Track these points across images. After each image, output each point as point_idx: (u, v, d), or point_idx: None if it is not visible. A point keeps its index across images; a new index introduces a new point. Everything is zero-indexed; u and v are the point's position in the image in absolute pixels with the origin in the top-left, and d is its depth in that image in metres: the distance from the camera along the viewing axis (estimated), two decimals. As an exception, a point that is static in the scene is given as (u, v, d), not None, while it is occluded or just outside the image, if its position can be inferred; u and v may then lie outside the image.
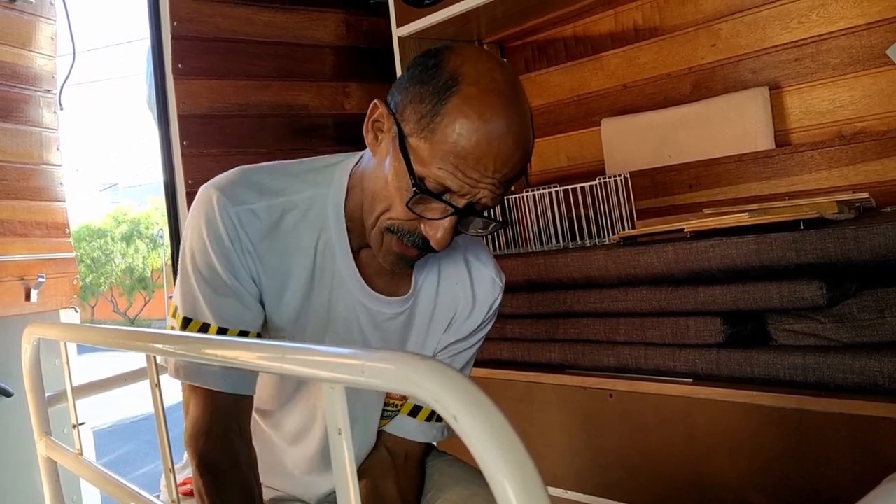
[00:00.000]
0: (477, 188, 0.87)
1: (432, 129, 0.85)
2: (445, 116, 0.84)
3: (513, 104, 0.86)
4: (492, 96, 0.85)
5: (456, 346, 1.13)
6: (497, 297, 1.13)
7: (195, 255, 0.96)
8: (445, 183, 0.86)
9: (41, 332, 1.26)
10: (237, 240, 0.94)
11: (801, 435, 1.41)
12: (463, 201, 0.88)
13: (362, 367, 0.55)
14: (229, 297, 0.95)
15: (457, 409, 0.48)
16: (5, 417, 2.16)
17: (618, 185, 1.98)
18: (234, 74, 2.39)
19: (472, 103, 0.84)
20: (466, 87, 0.84)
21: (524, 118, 0.88)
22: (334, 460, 0.60)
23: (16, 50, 2.24)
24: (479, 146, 0.84)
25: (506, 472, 0.45)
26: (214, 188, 0.96)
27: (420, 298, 1.07)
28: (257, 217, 0.95)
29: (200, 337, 0.88)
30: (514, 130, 0.86)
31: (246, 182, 0.97)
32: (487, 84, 0.85)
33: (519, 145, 0.87)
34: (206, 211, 0.95)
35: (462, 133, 0.84)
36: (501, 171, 0.86)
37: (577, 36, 2.41)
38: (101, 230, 16.90)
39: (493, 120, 0.84)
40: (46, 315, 2.28)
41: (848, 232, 1.34)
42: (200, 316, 0.95)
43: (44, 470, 1.33)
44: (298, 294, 0.99)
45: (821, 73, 1.87)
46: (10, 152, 2.22)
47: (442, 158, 0.85)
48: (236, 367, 0.91)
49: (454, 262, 1.10)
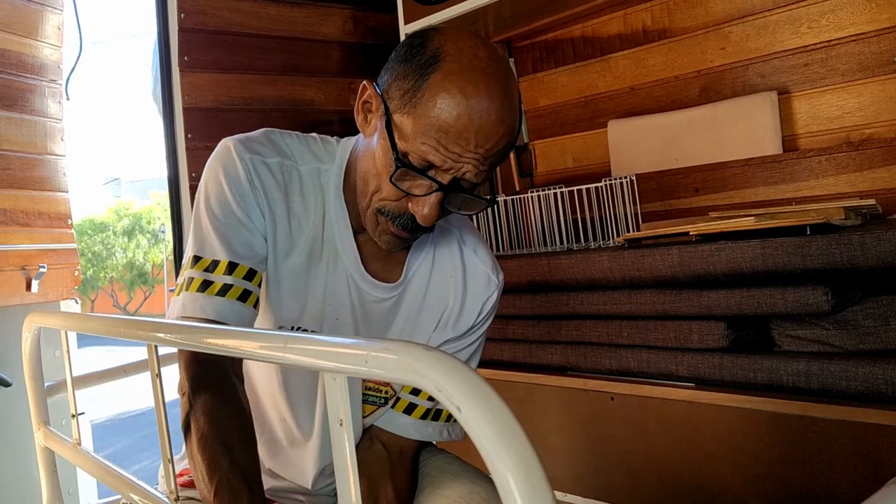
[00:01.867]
0: (460, 163, 0.87)
1: (414, 104, 0.86)
2: (427, 91, 0.85)
3: (495, 80, 0.87)
4: (474, 72, 0.85)
5: (452, 346, 1.12)
6: (492, 295, 1.12)
7: (209, 196, 0.98)
8: (428, 157, 0.87)
9: (42, 320, 1.25)
10: (252, 181, 0.97)
11: (803, 441, 1.40)
12: (448, 177, 0.89)
13: (366, 356, 0.55)
14: (240, 231, 0.96)
15: (460, 399, 0.47)
16: (3, 407, 2.16)
17: (623, 187, 1.97)
18: (240, 68, 2.38)
19: (452, 78, 0.85)
20: (448, 63, 0.86)
21: (508, 94, 0.88)
22: (335, 451, 0.60)
23: (22, 39, 2.24)
24: (459, 120, 0.85)
25: (508, 462, 0.45)
26: (233, 138, 1.00)
27: (410, 287, 1.08)
28: (269, 169, 0.99)
29: (202, 326, 0.87)
30: (497, 106, 0.86)
31: (264, 138, 1.01)
32: (469, 60, 0.86)
33: (502, 121, 0.87)
34: (224, 156, 0.98)
35: (443, 108, 0.85)
36: (484, 146, 0.87)
37: (586, 37, 2.40)
38: (103, 224, 16.92)
39: (474, 95, 0.85)
40: (47, 305, 2.28)
41: (854, 238, 1.33)
42: (209, 252, 0.96)
43: (41, 459, 1.33)
44: (301, 262, 1.01)
45: (829, 78, 1.87)
46: (14, 141, 2.22)
47: (424, 133, 0.86)
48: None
49: (450, 254, 1.10)
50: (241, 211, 0.96)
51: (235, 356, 0.92)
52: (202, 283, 0.94)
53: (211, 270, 0.95)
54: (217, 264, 0.95)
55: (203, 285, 0.94)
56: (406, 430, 1.12)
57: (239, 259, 0.95)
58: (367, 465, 1.09)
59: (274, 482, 1.15)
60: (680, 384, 1.61)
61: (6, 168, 2.19)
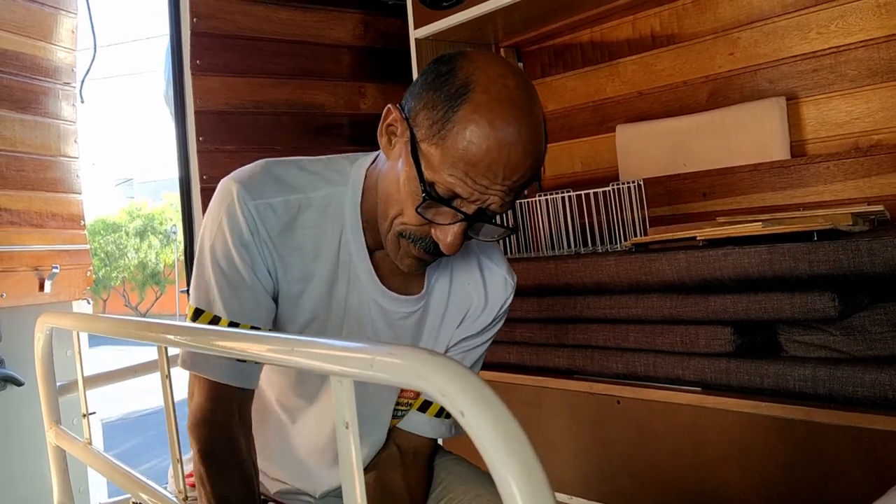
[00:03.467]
0: (486, 195, 0.87)
1: (443, 136, 0.85)
2: (456, 124, 0.84)
3: (524, 111, 0.86)
4: (503, 104, 0.84)
5: (467, 343, 1.13)
6: (509, 297, 1.13)
7: (214, 247, 0.97)
8: (455, 189, 0.86)
9: (54, 321, 1.27)
10: (256, 232, 0.96)
11: (809, 447, 1.40)
12: (473, 207, 0.88)
13: (371, 360, 0.55)
14: (244, 291, 0.96)
15: (464, 403, 0.48)
16: (16, 406, 2.18)
17: (631, 191, 1.98)
18: (251, 72, 2.40)
19: (482, 111, 0.84)
20: (478, 94, 0.84)
21: (536, 125, 0.87)
22: (341, 453, 0.61)
23: (36, 42, 2.26)
24: (489, 154, 0.84)
25: (511, 467, 0.45)
26: (235, 181, 0.97)
27: (433, 298, 1.08)
28: (274, 212, 0.96)
29: (212, 329, 0.89)
30: (525, 139, 0.85)
31: (265, 176, 0.98)
32: (498, 91, 0.85)
33: (529, 153, 0.86)
34: (226, 203, 0.96)
35: (472, 140, 0.83)
36: (511, 179, 0.86)
37: (594, 42, 2.41)
38: (116, 225, 17.00)
39: (503, 128, 0.84)
40: (59, 306, 2.30)
41: (862, 244, 1.33)
42: (212, 308, 0.97)
43: (52, 458, 1.34)
44: (319, 291, 1.00)
45: (838, 84, 1.86)
46: (28, 144, 2.24)
47: (452, 165, 0.85)
48: (242, 359, 0.92)
49: (466, 264, 1.11)
50: (245, 268, 0.96)
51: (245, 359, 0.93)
52: None
53: (214, 325, 0.96)
54: (218, 321, 0.96)
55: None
56: (421, 428, 1.12)
57: (240, 319, 0.96)
58: (380, 467, 1.10)
59: (281, 485, 1.16)
60: (686, 388, 1.61)
61: (20, 170, 2.21)
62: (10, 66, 2.19)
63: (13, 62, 2.20)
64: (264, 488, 1.18)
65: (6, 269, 2.14)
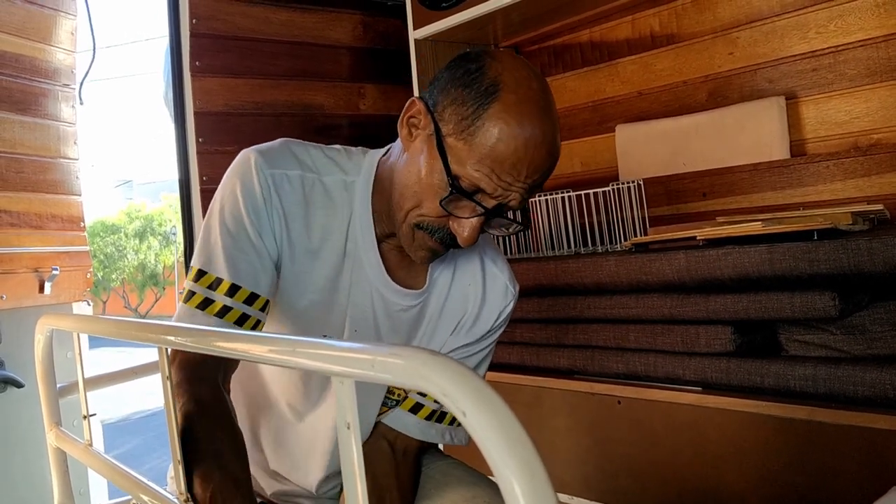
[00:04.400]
0: (509, 191, 0.90)
1: (472, 132, 0.88)
2: (487, 121, 0.87)
3: (547, 113, 0.90)
4: (529, 105, 0.88)
5: (464, 350, 1.13)
6: (508, 305, 1.14)
7: (224, 209, 0.98)
8: (480, 184, 0.89)
9: (54, 322, 1.27)
10: (269, 199, 0.97)
11: (810, 446, 1.40)
12: (493, 202, 0.91)
13: (373, 361, 0.55)
14: (250, 255, 0.97)
15: (466, 404, 0.48)
16: (15, 408, 2.18)
17: (631, 191, 1.98)
18: (250, 73, 2.40)
19: (511, 111, 0.87)
20: (507, 94, 0.88)
21: (556, 126, 0.92)
22: (342, 454, 0.61)
23: (36, 44, 2.26)
24: (516, 152, 0.87)
25: (513, 468, 0.45)
26: (253, 150, 0.99)
27: (433, 294, 1.09)
28: (290, 183, 0.98)
29: (212, 330, 0.88)
30: (548, 139, 0.89)
31: (284, 150, 1.01)
32: (525, 93, 0.89)
33: (551, 154, 0.91)
34: (242, 169, 0.98)
35: (501, 138, 0.87)
36: (533, 178, 0.90)
37: (594, 42, 2.41)
38: (115, 226, 16.99)
39: (529, 128, 0.87)
40: (59, 307, 2.30)
41: (862, 243, 1.33)
42: (215, 269, 0.97)
43: (53, 460, 1.34)
44: (324, 275, 1.01)
45: (837, 83, 1.87)
46: (27, 145, 2.24)
47: (479, 161, 0.88)
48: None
49: (470, 264, 1.12)
50: (253, 232, 0.97)
51: (245, 360, 0.94)
52: (203, 300, 0.96)
53: (213, 288, 0.96)
54: (220, 283, 0.96)
55: (203, 303, 0.96)
56: (410, 429, 1.13)
57: (241, 282, 0.96)
58: (372, 463, 1.10)
59: (278, 486, 1.16)
60: (687, 388, 1.61)
61: (20, 171, 2.21)
62: (9, 68, 2.19)
63: (13, 64, 2.20)
64: (259, 487, 1.19)
65: (6, 271, 2.14)
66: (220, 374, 0.99)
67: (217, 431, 0.93)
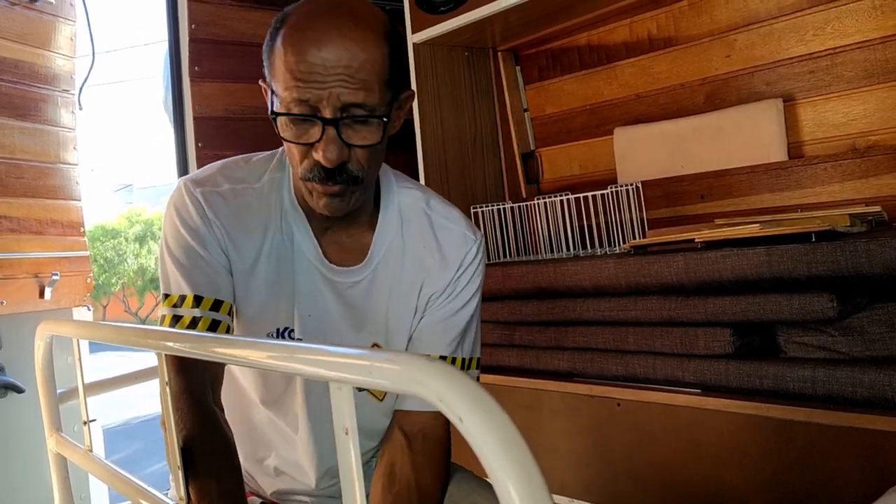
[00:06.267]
0: (326, 89, 0.89)
1: (272, 64, 0.93)
2: (277, 49, 0.92)
3: (334, 10, 0.91)
4: (310, 16, 0.91)
5: (441, 308, 1.10)
6: (471, 249, 1.11)
7: (167, 239, 1.04)
8: (295, 97, 0.90)
9: (54, 328, 1.27)
10: (204, 216, 1.02)
11: (809, 448, 1.40)
12: (328, 111, 0.90)
13: (370, 367, 0.56)
14: (200, 266, 1.01)
15: (462, 410, 0.48)
16: (17, 413, 2.18)
17: (629, 194, 1.98)
18: (249, 78, 2.38)
19: (293, 28, 0.91)
20: (290, 19, 0.93)
21: (352, 14, 0.91)
22: (340, 459, 0.61)
23: (35, 50, 2.27)
24: (306, 53, 0.89)
25: (510, 473, 0.45)
26: (183, 179, 1.06)
27: (382, 266, 1.09)
28: (222, 197, 1.04)
29: (211, 336, 0.89)
30: (340, 24, 0.90)
31: (213, 171, 1.07)
32: (307, 10, 0.92)
33: (346, 36, 0.89)
34: (175, 198, 1.04)
35: (289, 50, 0.90)
36: (340, 65, 0.89)
37: (592, 45, 2.41)
38: (115, 230, 17.00)
39: (311, 28, 0.90)
40: (60, 312, 2.30)
41: (860, 245, 1.33)
42: (176, 289, 1.01)
43: (53, 466, 1.34)
44: (268, 270, 1.05)
45: (835, 85, 1.87)
46: (27, 151, 2.25)
47: (284, 79, 0.91)
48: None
49: (419, 227, 1.11)
50: (199, 246, 1.01)
51: (243, 365, 0.94)
52: (172, 318, 1.00)
53: (179, 305, 1.00)
54: (184, 299, 1.00)
55: (174, 320, 1.00)
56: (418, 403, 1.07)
57: (203, 292, 1.00)
58: (386, 455, 1.09)
59: (280, 484, 1.17)
60: (686, 390, 1.61)
61: (20, 177, 2.22)
62: (9, 74, 2.19)
63: (12, 70, 2.20)
64: (258, 486, 1.19)
65: (6, 277, 2.15)
66: (209, 388, 1.01)
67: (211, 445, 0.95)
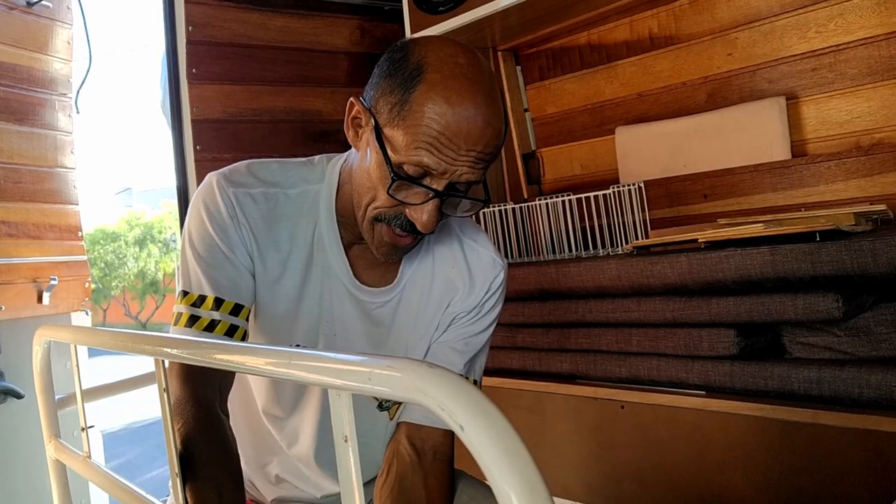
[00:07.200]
0: (454, 167, 0.90)
1: (403, 117, 0.89)
2: (414, 104, 0.88)
3: (478, 85, 0.90)
4: (456, 80, 0.89)
5: (465, 329, 1.12)
6: (498, 275, 1.14)
7: (192, 233, 1.01)
8: (422, 163, 0.89)
9: (52, 334, 1.26)
10: (235, 216, 1.00)
11: (815, 449, 1.39)
12: (443, 183, 0.91)
13: (369, 374, 0.55)
14: (226, 269, 0.99)
15: (464, 417, 0.47)
16: (15, 419, 2.17)
17: (631, 194, 1.97)
18: (248, 80, 2.40)
19: (437, 88, 0.88)
20: (431, 73, 0.89)
21: (491, 97, 0.91)
22: (340, 467, 0.60)
23: (32, 54, 2.26)
24: (448, 128, 0.88)
25: (512, 482, 0.44)
26: (215, 173, 1.03)
27: (409, 287, 1.10)
28: (254, 200, 1.01)
29: (210, 342, 0.88)
30: (482, 110, 0.89)
31: (246, 171, 1.04)
32: (451, 69, 0.89)
33: (489, 124, 0.90)
34: (206, 192, 1.02)
35: (432, 117, 0.88)
36: (476, 149, 0.90)
37: (592, 44, 2.40)
38: (115, 234, 17.02)
39: (459, 102, 0.88)
40: (58, 317, 2.29)
41: (865, 244, 1.32)
42: (196, 288, 1.00)
43: (52, 472, 1.33)
44: (293, 284, 1.04)
45: (838, 83, 1.85)
46: (24, 155, 2.24)
47: (415, 143, 0.89)
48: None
49: (449, 250, 1.12)
50: (225, 247, 0.99)
51: (242, 372, 0.93)
52: (190, 317, 0.99)
53: (198, 305, 0.99)
54: (204, 299, 0.99)
55: (191, 320, 0.98)
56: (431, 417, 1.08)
57: (224, 295, 0.99)
58: (400, 474, 1.08)
59: (281, 492, 1.16)
60: (690, 392, 1.60)
61: (17, 181, 2.21)
62: (6, 78, 2.18)
63: (9, 74, 2.19)
64: (259, 494, 1.18)
65: (4, 282, 2.13)
66: (218, 396, 0.99)
67: (215, 455, 0.94)
